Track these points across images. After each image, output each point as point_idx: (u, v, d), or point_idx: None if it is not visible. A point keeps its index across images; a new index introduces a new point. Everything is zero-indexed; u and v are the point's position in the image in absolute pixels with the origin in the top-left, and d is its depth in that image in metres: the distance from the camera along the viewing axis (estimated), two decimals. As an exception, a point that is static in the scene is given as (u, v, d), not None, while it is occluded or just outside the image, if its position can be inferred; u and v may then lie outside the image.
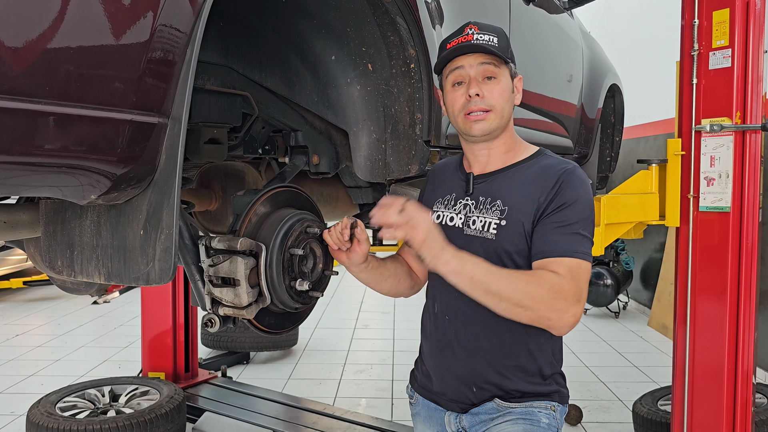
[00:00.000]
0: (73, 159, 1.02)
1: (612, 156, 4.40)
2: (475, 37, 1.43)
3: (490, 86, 1.45)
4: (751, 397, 2.36)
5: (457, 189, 1.55)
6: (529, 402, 1.48)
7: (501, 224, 1.43)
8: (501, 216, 1.44)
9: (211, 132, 1.71)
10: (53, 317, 6.21)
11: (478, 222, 1.46)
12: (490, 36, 1.44)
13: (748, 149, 2.27)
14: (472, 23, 1.46)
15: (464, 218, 1.50)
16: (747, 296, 2.31)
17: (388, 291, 1.66)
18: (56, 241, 1.33)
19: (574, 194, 1.40)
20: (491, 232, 1.44)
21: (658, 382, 4.18)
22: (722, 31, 2.27)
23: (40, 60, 0.92)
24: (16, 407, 3.80)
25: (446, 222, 1.53)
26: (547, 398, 1.50)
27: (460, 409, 1.53)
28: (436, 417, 1.58)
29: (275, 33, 1.77)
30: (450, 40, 1.48)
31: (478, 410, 1.50)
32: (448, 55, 1.46)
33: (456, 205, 1.53)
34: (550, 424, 1.47)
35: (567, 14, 3.45)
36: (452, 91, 1.48)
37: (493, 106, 1.44)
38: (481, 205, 1.48)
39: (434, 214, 1.56)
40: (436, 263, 1.31)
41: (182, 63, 1.11)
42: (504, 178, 1.49)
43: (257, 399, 3.63)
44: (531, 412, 1.47)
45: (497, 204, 1.45)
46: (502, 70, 1.46)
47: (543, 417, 1.47)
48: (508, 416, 1.46)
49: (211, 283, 1.47)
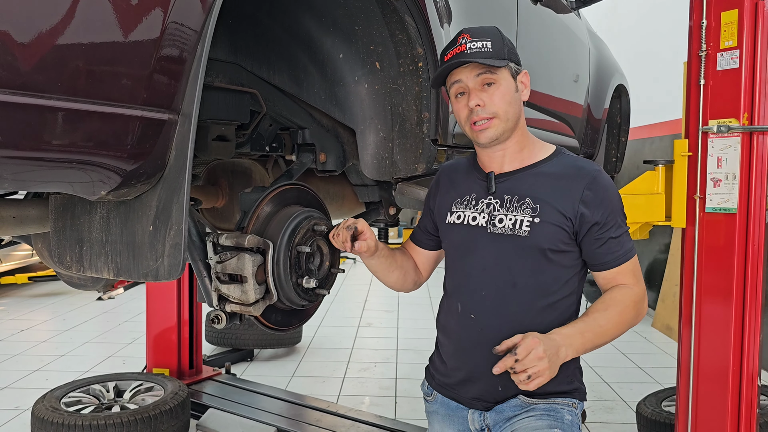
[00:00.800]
0: (84, 155, 1.02)
1: (618, 156, 4.39)
2: (468, 46, 1.43)
3: (490, 92, 1.45)
4: (756, 399, 2.35)
5: (477, 189, 1.56)
6: (551, 399, 1.50)
7: (534, 222, 1.45)
8: (534, 214, 1.45)
9: (219, 129, 1.72)
10: (58, 313, 6.23)
11: (507, 220, 1.47)
12: (483, 42, 1.43)
13: (756, 150, 2.26)
14: (464, 31, 1.46)
15: (488, 217, 1.51)
16: (753, 298, 2.30)
17: (394, 283, 1.68)
18: (65, 237, 1.34)
19: (613, 199, 1.47)
20: (524, 230, 1.45)
21: (662, 383, 4.18)
22: (730, 32, 2.26)
23: (52, 56, 0.93)
24: (21, 402, 3.82)
25: (468, 222, 1.54)
26: (568, 395, 1.52)
27: (483, 407, 1.54)
28: (458, 415, 1.59)
29: (284, 31, 1.78)
30: (447, 51, 1.48)
31: (502, 407, 1.52)
32: (443, 71, 1.47)
33: (478, 204, 1.54)
34: (573, 422, 1.50)
35: (574, 14, 3.44)
36: (456, 102, 1.50)
37: (495, 113, 1.45)
38: (507, 203, 1.49)
39: (454, 215, 1.57)
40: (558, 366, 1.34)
41: (192, 60, 1.11)
42: (529, 177, 1.50)
43: (261, 396, 3.63)
44: (554, 408, 1.49)
45: (527, 202, 1.46)
46: (501, 73, 1.45)
47: (566, 414, 1.49)
48: (532, 412, 1.49)
49: (219, 279, 1.48)
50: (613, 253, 1.46)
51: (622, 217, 1.49)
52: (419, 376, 1.77)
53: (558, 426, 1.46)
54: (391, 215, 2.29)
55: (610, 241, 1.45)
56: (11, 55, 0.88)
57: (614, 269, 1.47)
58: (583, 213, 1.44)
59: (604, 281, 1.49)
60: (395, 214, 2.30)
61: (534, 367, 1.27)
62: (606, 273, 1.48)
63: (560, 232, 1.44)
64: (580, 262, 1.50)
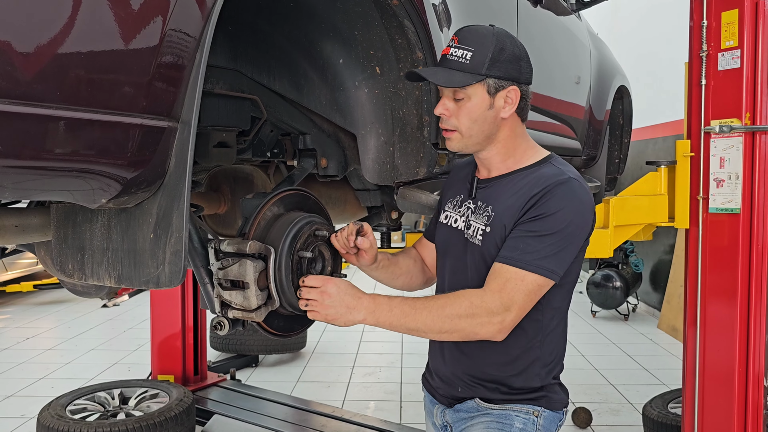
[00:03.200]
0: (84, 163, 1.02)
1: (621, 158, 4.38)
2: (452, 51, 1.42)
3: (459, 105, 1.43)
4: (762, 399, 2.34)
5: (464, 191, 1.58)
6: (509, 405, 1.48)
7: (486, 230, 1.45)
8: (487, 222, 1.45)
9: (220, 135, 1.72)
10: (63, 320, 6.25)
11: (472, 227, 1.49)
12: (464, 51, 1.40)
13: (758, 150, 2.25)
14: (458, 32, 1.45)
15: (465, 222, 1.52)
16: (758, 298, 2.29)
17: (401, 287, 1.72)
18: (67, 245, 1.34)
19: (555, 205, 1.36)
20: (478, 238, 1.46)
21: (668, 385, 4.16)
22: (731, 31, 2.26)
23: (51, 65, 0.93)
24: (26, 410, 3.82)
25: (451, 223, 1.56)
26: (531, 402, 1.48)
27: (447, 403, 1.58)
28: (431, 409, 1.65)
29: (284, 37, 1.78)
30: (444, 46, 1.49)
31: (460, 407, 1.55)
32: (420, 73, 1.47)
33: (461, 207, 1.55)
34: (524, 430, 1.45)
35: (575, 16, 3.44)
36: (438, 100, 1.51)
37: (456, 127, 1.44)
38: (478, 209, 1.50)
39: (444, 214, 1.60)
40: (352, 323, 1.37)
41: (192, 67, 1.11)
42: (501, 185, 1.49)
43: (266, 402, 3.63)
44: (507, 415, 1.47)
45: (488, 210, 1.47)
46: (471, 89, 1.40)
47: (518, 422, 1.46)
48: (485, 417, 1.49)
49: (221, 286, 1.47)
50: (507, 249, 1.37)
51: (557, 235, 1.35)
52: (424, 380, 1.79)
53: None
54: (393, 219, 2.28)
55: (515, 239, 1.37)
56: (11, 64, 0.88)
57: (496, 264, 1.37)
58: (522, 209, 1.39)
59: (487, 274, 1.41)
60: (397, 219, 2.30)
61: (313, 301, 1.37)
62: (493, 266, 1.38)
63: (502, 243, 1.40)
64: None
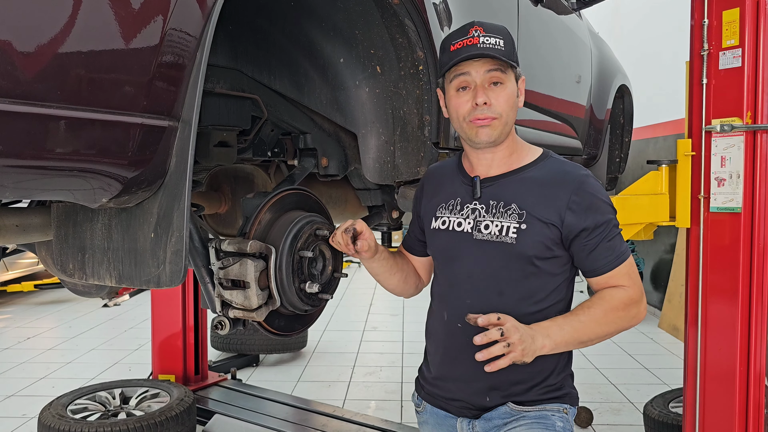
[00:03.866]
0: (85, 162, 1.02)
1: (621, 157, 4.38)
2: (482, 40, 1.38)
3: (496, 92, 1.40)
4: (763, 399, 2.33)
5: (462, 193, 1.51)
6: (542, 405, 1.47)
7: (521, 228, 1.40)
8: (520, 220, 1.41)
9: (221, 135, 1.72)
10: (64, 320, 6.25)
11: (493, 226, 1.43)
12: (497, 39, 1.39)
13: (760, 149, 2.25)
14: (477, 24, 1.41)
15: (474, 223, 1.46)
16: (759, 297, 2.29)
17: (395, 286, 1.65)
18: (68, 245, 1.34)
19: (601, 203, 1.43)
20: (511, 237, 1.41)
21: (669, 384, 4.16)
22: (732, 30, 2.25)
23: (52, 64, 0.93)
24: (27, 410, 3.82)
25: (453, 227, 1.49)
26: (558, 401, 1.49)
27: (472, 414, 1.50)
28: (446, 424, 1.55)
29: (284, 36, 1.78)
30: (454, 41, 1.42)
31: (491, 415, 1.48)
32: (456, 61, 1.40)
33: (463, 210, 1.49)
34: (565, 428, 1.46)
35: (575, 15, 3.44)
36: (456, 96, 1.43)
37: (499, 114, 1.41)
38: (493, 209, 1.45)
39: (439, 220, 1.53)
40: (535, 354, 1.32)
41: (192, 66, 1.11)
42: (514, 182, 1.46)
43: (267, 401, 3.63)
44: (545, 415, 1.46)
45: (513, 208, 1.42)
46: (508, 74, 1.42)
47: (557, 420, 1.46)
48: (522, 420, 1.45)
49: (221, 285, 1.48)
50: (604, 258, 1.41)
51: (613, 221, 1.44)
52: (424, 379, 1.77)
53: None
54: (393, 219, 2.28)
55: (600, 246, 1.41)
56: (11, 64, 0.88)
57: (607, 274, 1.42)
58: (570, 220, 1.39)
59: (598, 286, 1.44)
60: (398, 218, 2.30)
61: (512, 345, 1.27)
62: (599, 278, 1.43)
63: (546, 239, 1.40)
64: (568, 268, 1.46)
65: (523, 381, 1.47)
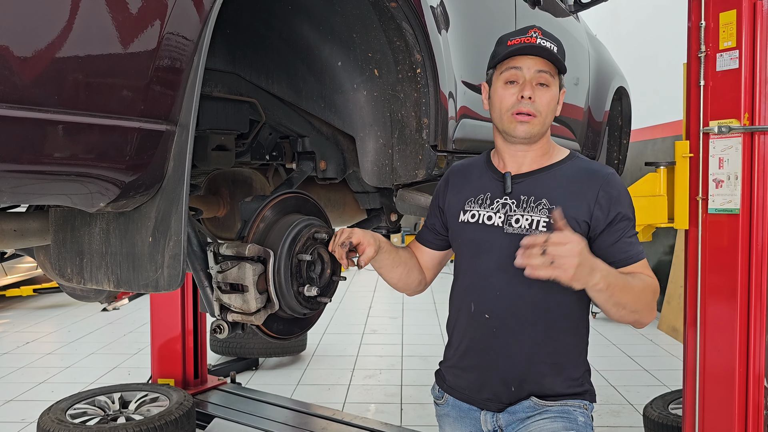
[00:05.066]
0: (82, 167, 1.02)
1: (620, 159, 4.39)
2: (539, 41, 1.45)
3: (541, 92, 1.47)
4: (763, 400, 2.33)
5: (492, 188, 1.55)
6: (563, 401, 1.51)
7: (551, 222, 1.44)
8: (550, 215, 1.45)
9: (219, 139, 1.72)
10: (63, 324, 6.24)
11: (523, 220, 1.48)
12: (552, 44, 1.46)
13: (757, 151, 2.25)
14: (537, 27, 1.48)
15: (504, 217, 1.51)
16: (758, 298, 2.29)
17: (398, 280, 1.66)
18: (66, 249, 1.34)
19: (626, 200, 1.48)
20: (541, 230, 1.45)
21: (668, 386, 4.16)
22: (729, 32, 2.26)
23: (49, 69, 0.93)
24: (26, 414, 3.82)
25: (483, 221, 1.53)
26: (579, 397, 1.53)
27: (496, 408, 1.54)
28: (470, 417, 1.58)
29: (281, 40, 1.78)
30: (511, 38, 1.48)
31: (515, 408, 1.51)
32: (511, 52, 1.46)
33: (493, 204, 1.53)
34: (586, 423, 1.50)
35: (573, 17, 3.44)
36: (503, 88, 1.49)
37: (540, 112, 1.47)
38: (523, 204, 1.49)
39: (468, 213, 1.56)
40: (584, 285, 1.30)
41: (189, 70, 1.11)
42: (545, 179, 1.51)
43: (266, 405, 3.62)
44: (567, 410, 1.50)
45: (543, 203, 1.47)
46: (555, 80, 1.49)
47: (579, 415, 1.50)
48: (546, 414, 1.49)
49: (220, 289, 1.47)
50: (625, 252, 1.45)
51: (633, 220, 1.49)
52: (425, 382, 1.77)
53: (574, 428, 1.46)
54: (392, 222, 2.29)
55: (623, 240, 1.45)
56: (8, 68, 0.88)
57: (631, 266, 1.45)
58: (598, 215, 1.45)
59: None
60: (397, 221, 2.30)
61: (562, 258, 1.22)
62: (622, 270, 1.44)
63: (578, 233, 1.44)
64: None
65: (547, 373, 1.50)
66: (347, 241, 1.49)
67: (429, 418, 3.60)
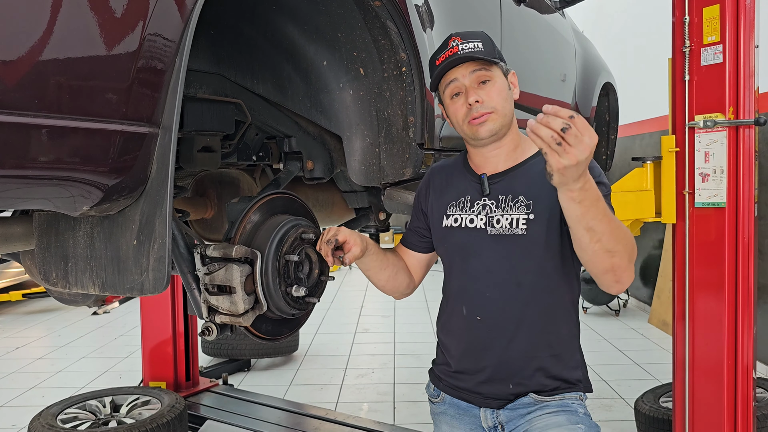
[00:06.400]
0: (64, 171, 1.02)
1: (608, 154, 4.41)
2: (460, 48, 1.46)
3: (486, 89, 1.47)
4: (751, 391, 2.35)
5: (471, 191, 1.56)
6: (561, 395, 1.53)
7: (530, 218, 1.46)
8: (528, 211, 1.46)
9: (204, 140, 1.71)
10: (53, 329, 6.20)
11: (504, 220, 1.48)
12: (474, 43, 1.46)
13: (742, 144, 2.26)
14: (454, 35, 1.49)
15: (486, 219, 1.51)
16: (745, 291, 2.30)
17: (386, 282, 1.66)
18: (50, 253, 1.33)
19: (598, 171, 1.43)
20: (521, 228, 1.46)
21: (659, 379, 4.18)
22: (713, 27, 2.27)
23: (30, 73, 0.92)
24: (17, 420, 3.79)
25: (466, 225, 1.54)
26: (575, 389, 1.55)
27: (497, 405, 1.55)
28: (469, 414, 1.59)
29: (266, 40, 1.77)
30: (437, 56, 1.50)
31: (515, 405, 1.53)
32: (439, 72, 1.49)
33: (473, 206, 1.54)
34: (586, 413, 1.53)
35: (559, 14, 3.45)
36: (452, 103, 1.51)
37: (494, 108, 1.47)
38: (502, 203, 1.50)
39: (451, 218, 1.57)
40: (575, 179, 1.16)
41: (171, 72, 1.11)
42: (520, 175, 1.52)
43: (259, 406, 3.62)
44: (566, 404, 1.52)
45: (520, 200, 1.48)
46: (494, 71, 1.48)
47: (579, 407, 1.52)
48: (546, 409, 1.50)
49: (207, 291, 1.47)
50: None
51: (609, 189, 1.45)
52: (417, 380, 1.77)
53: (579, 421, 1.48)
54: (381, 220, 2.29)
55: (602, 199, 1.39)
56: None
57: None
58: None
59: None
60: (385, 220, 2.30)
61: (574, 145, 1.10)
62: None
63: (554, 223, 1.45)
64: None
65: (545, 366, 1.52)
66: (333, 238, 1.50)
67: (422, 416, 3.60)
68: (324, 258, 1.53)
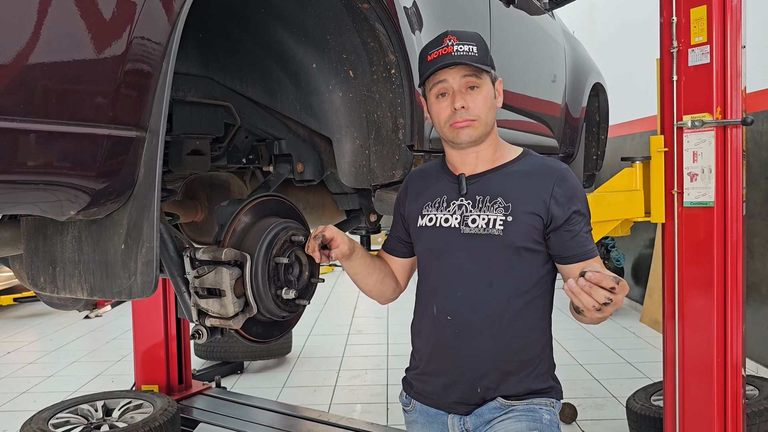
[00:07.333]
0: (51, 175, 1.01)
1: (598, 154, 4.42)
2: (455, 48, 1.45)
3: (473, 96, 1.47)
4: (741, 389, 2.37)
5: (448, 191, 1.56)
6: (529, 399, 1.51)
7: (507, 220, 1.46)
8: (506, 212, 1.46)
9: (194, 143, 1.71)
10: (45, 333, 6.17)
11: (480, 220, 1.48)
12: (470, 46, 1.46)
13: (730, 144, 2.28)
14: (451, 33, 1.48)
15: (461, 218, 1.51)
16: (734, 289, 2.32)
17: (373, 287, 1.67)
18: (38, 258, 1.33)
19: (581, 195, 1.49)
20: (498, 229, 1.46)
21: (651, 378, 4.20)
22: (700, 27, 2.29)
23: (16, 78, 0.92)
24: (8, 425, 3.77)
25: (441, 224, 1.54)
26: (545, 395, 1.53)
27: (464, 410, 1.53)
28: (438, 421, 1.57)
29: (255, 43, 1.77)
30: (430, 51, 1.49)
31: (482, 410, 1.51)
32: (432, 70, 1.48)
33: (449, 206, 1.54)
34: (552, 420, 1.50)
35: (548, 15, 3.47)
36: (437, 102, 1.51)
37: (477, 116, 1.48)
38: (479, 203, 1.50)
39: (426, 218, 1.57)
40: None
41: (158, 75, 1.11)
42: (499, 177, 1.52)
43: (252, 408, 3.61)
44: (533, 409, 1.50)
45: (499, 201, 1.48)
46: (484, 78, 1.49)
47: (545, 413, 1.50)
48: (511, 413, 1.49)
49: (197, 294, 1.46)
50: (584, 246, 1.47)
51: (589, 216, 1.51)
52: (409, 381, 1.77)
53: (537, 427, 1.46)
54: (372, 222, 2.29)
55: (580, 236, 1.47)
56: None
57: (583, 262, 1.46)
58: (555, 211, 1.45)
59: (571, 273, 1.46)
60: (376, 221, 2.30)
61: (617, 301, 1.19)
62: (574, 265, 1.47)
63: (532, 229, 1.46)
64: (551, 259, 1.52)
65: (513, 371, 1.50)
66: (320, 234, 1.50)
67: (415, 417, 3.60)
68: (311, 254, 1.52)
